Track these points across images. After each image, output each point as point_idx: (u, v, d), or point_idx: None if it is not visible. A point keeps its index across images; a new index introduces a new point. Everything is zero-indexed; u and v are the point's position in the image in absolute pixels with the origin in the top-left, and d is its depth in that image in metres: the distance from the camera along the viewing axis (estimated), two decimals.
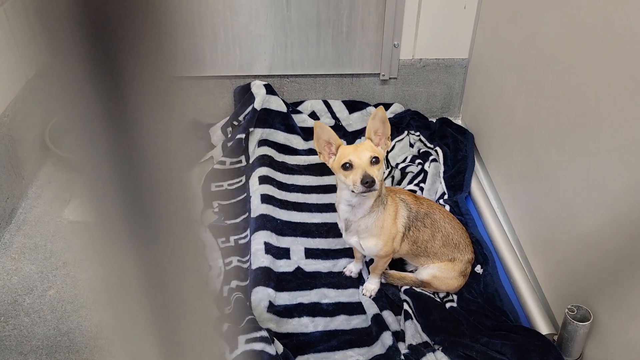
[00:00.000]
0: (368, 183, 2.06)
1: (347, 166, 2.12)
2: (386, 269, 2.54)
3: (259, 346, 2.17)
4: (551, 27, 2.40)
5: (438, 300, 2.50)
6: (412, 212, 2.40)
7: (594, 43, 2.08)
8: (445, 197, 2.98)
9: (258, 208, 2.85)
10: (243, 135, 3.27)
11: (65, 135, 0.38)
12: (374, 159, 2.11)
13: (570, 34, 2.24)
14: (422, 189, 2.98)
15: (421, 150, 3.26)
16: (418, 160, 3.16)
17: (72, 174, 0.40)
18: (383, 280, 2.55)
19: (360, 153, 2.12)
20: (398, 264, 2.64)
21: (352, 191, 2.13)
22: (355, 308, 2.50)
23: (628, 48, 1.87)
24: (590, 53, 2.11)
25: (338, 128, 3.48)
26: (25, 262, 2.65)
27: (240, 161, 3.24)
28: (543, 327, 2.35)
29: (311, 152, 3.34)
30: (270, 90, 3.44)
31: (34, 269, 2.62)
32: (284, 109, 3.41)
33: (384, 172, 2.25)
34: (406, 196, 2.44)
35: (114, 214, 0.42)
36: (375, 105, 3.58)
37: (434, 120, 3.52)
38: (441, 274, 2.46)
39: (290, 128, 3.38)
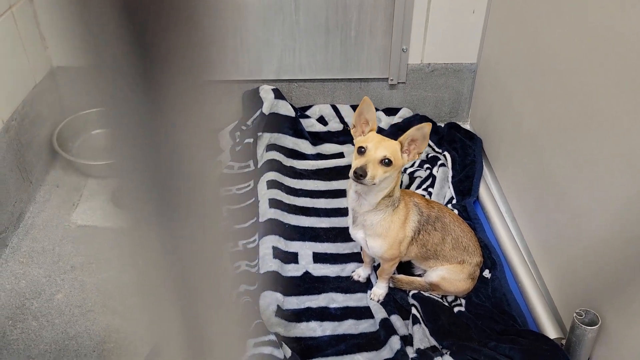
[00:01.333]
0: (357, 174, 2.07)
1: (361, 150, 2.14)
2: (394, 273, 2.54)
3: (267, 350, 2.17)
4: (560, 33, 2.40)
5: (446, 304, 2.50)
6: (424, 216, 2.39)
7: (603, 49, 2.08)
8: (454, 201, 2.97)
9: (266, 213, 2.85)
10: (251, 140, 3.27)
11: (105, 135, 0.38)
12: (386, 160, 2.11)
13: (579, 39, 2.24)
14: (430, 194, 2.98)
15: (429, 155, 3.26)
16: (426, 165, 3.16)
17: (110, 175, 0.41)
18: (391, 285, 2.55)
19: (379, 147, 2.12)
20: (405, 267, 2.63)
21: None
22: (363, 312, 2.50)
23: (637, 54, 1.87)
24: (598, 59, 2.11)
25: (346, 133, 3.48)
26: (33, 266, 2.65)
27: (249, 166, 3.24)
28: (551, 332, 2.35)
29: (319, 156, 3.34)
30: (278, 94, 3.45)
31: (41, 273, 2.62)
32: (292, 113, 3.41)
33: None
34: (418, 200, 2.43)
35: (149, 215, 0.43)
36: (384, 110, 3.58)
37: (443, 125, 3.51)
38: (450, 275, 2.45)
39: (299, 133, 3.38)
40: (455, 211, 2.82)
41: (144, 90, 0.36)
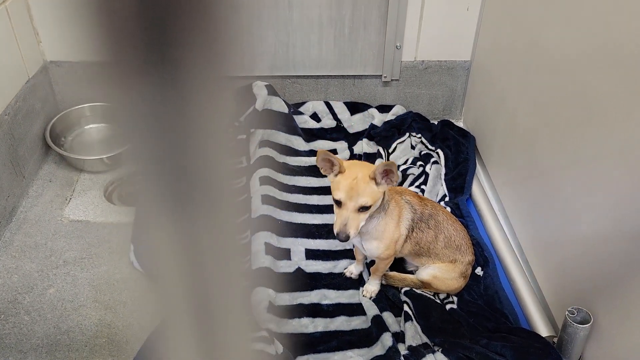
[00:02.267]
0: (341, 238, 2.11)
1: (337, 201, 2.13)
2: (387, 271, 2.54)
3: (259, 346, 2.17)
4: (554, 30, 2.40)
5: (438, 301, 2.50)
6: (417, 214, 2.39)
7: (598, 46, 2.08)
8: (446, 199, 2.98)
9: (259, 209, 2.84)
10: (244, 136, 3.26)
11: (119, 130, 0.38)
12: (363, 208, 2.11)
13: (574, 37, 2.24)
14: (423, 191, 2.98)
15: (422, 152, 3.25)
16: (419, 162, 3.16)
17: (125, 168, 0.41)
18: (383, 282, 2.55)
19: (352, 197, 2.09)
20: (398, 263, 2.63)
21: None
22: (355, 309, 2.50)
23: (631, 51, 1.87)
24: (593, 56, 2.11)
25: (339, 130, 3.48)
26: (26, 261, 2.65)
27: (241, 162, 3.23)
28: (543, 329, 2.35)
29: (312, 153, 3.34)
30: (271, 91, 3.44)
31: (34, 268, 2.61)
32: (285, 110, 3.41)
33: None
34: (411, 197, 2.43)
35: (165, 207, 0.43)
36: (378, 107, 3.58)
37: (436, 123, 3.52)
38: (442, 274, 2.45)
39: (292, 129, 3.37)
40: (448, 209, 2.83)
41: (162, 85, 0.36)
